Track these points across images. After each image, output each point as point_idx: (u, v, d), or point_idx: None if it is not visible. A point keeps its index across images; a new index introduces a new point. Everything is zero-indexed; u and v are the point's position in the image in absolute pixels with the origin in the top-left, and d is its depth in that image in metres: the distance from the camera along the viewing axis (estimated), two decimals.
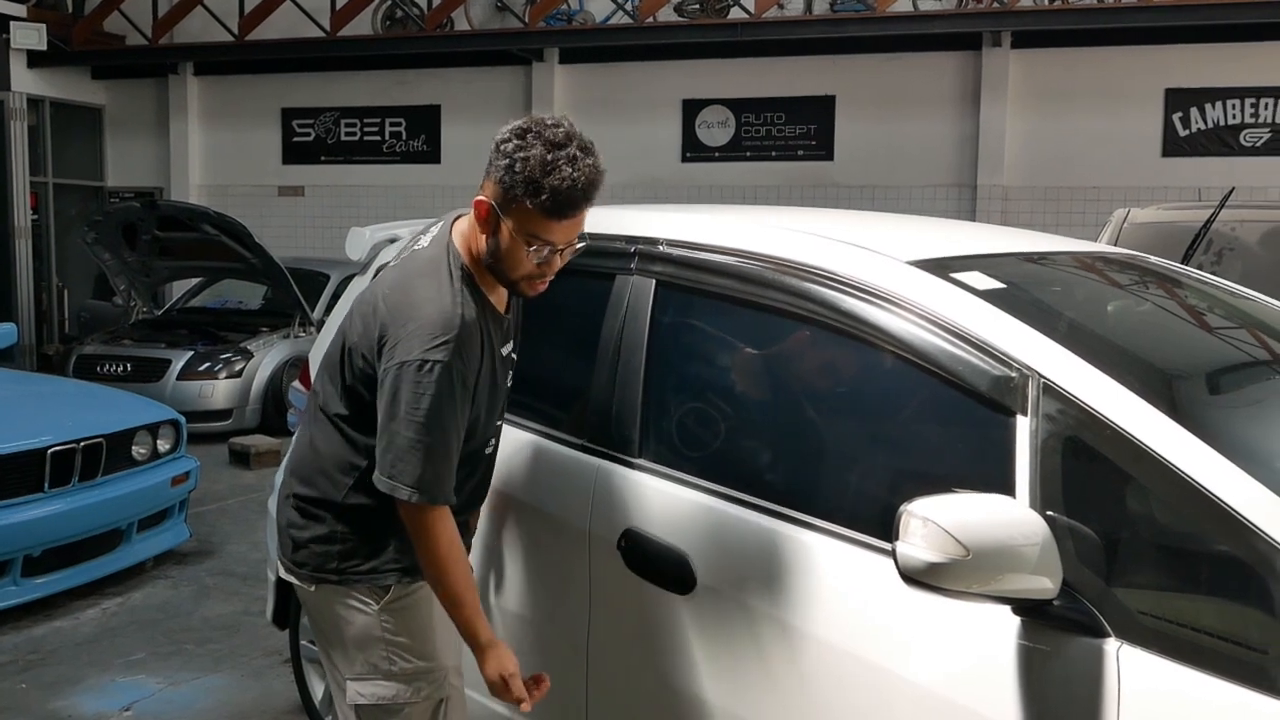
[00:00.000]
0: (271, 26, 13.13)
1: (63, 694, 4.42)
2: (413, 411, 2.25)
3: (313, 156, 14.33)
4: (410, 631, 2.46)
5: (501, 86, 13.42)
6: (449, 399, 2.26)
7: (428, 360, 2.24)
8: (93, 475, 5.46)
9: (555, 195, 2.21)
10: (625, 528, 2.56)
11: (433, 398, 2.24)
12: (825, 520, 2.26)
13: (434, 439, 2.26)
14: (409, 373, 2.25)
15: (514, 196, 2.24)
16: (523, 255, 2.30)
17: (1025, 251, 2.92)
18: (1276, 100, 11.16)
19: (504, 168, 2.24)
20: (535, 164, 2.20)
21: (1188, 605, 1.90)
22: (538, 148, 2.21)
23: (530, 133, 2.24)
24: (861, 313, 2.32)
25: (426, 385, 2.24)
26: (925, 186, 12.03)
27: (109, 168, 15.17)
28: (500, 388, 2.52)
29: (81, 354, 9.95)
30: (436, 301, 2.30)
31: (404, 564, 2.45)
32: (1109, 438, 1.95)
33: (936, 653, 2.05)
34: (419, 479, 2.26)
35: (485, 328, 2.37)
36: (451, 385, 2.26)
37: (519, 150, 2.22)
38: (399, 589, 2.46)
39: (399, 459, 2.26)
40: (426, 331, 2.26)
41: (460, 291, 2.33)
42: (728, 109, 12.79)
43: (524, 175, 2.21)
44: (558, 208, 2.23)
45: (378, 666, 2.46)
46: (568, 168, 2.21)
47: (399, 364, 2.26)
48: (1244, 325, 2.83)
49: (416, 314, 2.29)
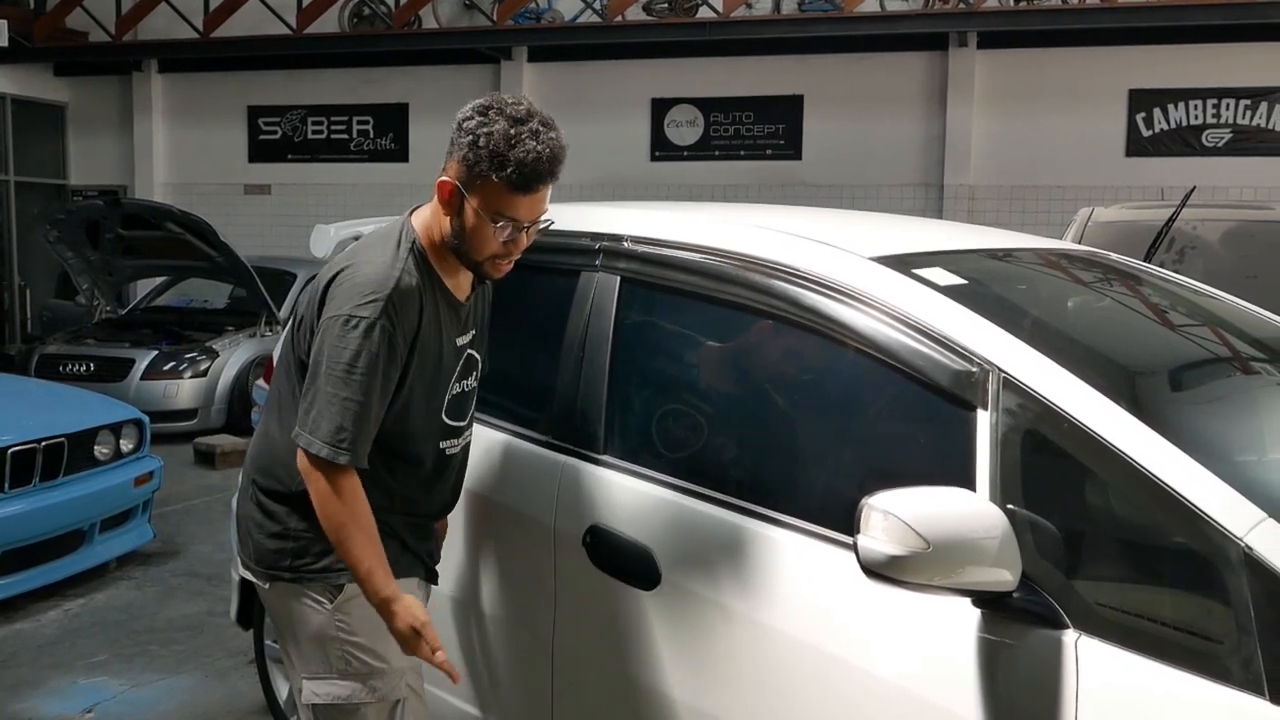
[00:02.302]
0: (237, 24, 13.04)
1: (23, 696, 4.37)
2: (333, 365, 2.23)
3: (279, 155, 14.24)
4: (365, 631, 2.42)
5: (470, 85, 13.36)
6: (372, 356, 2.23)
7: (354, 316, 2.24)
8: (54, 475, 5.40)
9: (520, 168, 2.21)
10: (590, 524, 2.56)
11: (353, 353, 2.22)
12: (789, 515, 2.27)
13: (351, 393, 2.23)
14: (335, 326, 2.25)
15: (479, 173, 2.24)
16: (489, 234, 2.30)
17: (988, 248, 2.94)
18: (1238, 101, 11.29)
19: (467, 144, 2.24)
20: (499, 138, 2.21)
21: (1146, 597, 1.92)
22: (500, 123, 2.22)
23: (492, 109, 2.25)
24: (824, 308, 2.33)
25: (351, 340, 2.23)
26: (893, 186, 12.09)
27: (72, 166, 15.02)
28: (446, 371, 2.46)
29: (44, 353, 9.84)
30: (374, 263, 2.31)
31: None
32: (1068, 432, 1.97)
33: (899, 646, 2.06)
34: (332, 433, 2.22)
35: (430, 301, 2.35)
36: (376, 343, 2.24)
37: (482, 126, 2.22)
38: (353, 588, 2.40)
39: (314, 411, 2.24)
40: (358, 289, 2.26)
41: (403, 259, 2.33)
42: (696, 108, 12.82)
43: (488, 150, 2.21)
44: (524, 181, 2.23)
45: (333, 666, 2.43)
46: (531, 141, 2.21)
47: (328, 318, 2.27)
48: (1206, 323, 2.86)
49: (353, 274, 2.30)
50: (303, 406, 2.28)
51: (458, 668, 2.87)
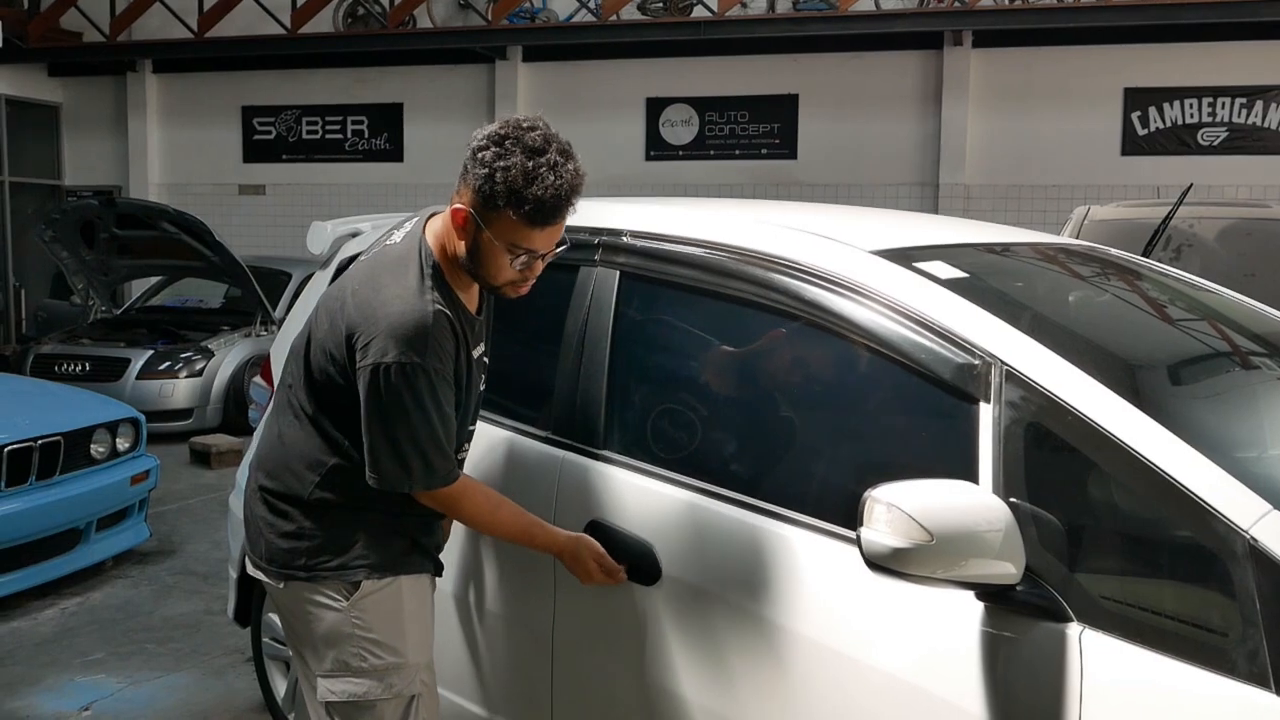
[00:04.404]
0: (231, 23, 13.03)
1: (20, 694, 4.35)
2: (400, 414, 2.25)
3: (274, 155, 14.22)
4: (381, 627, 2.43)
5: (464, 85, 13.37)
6: (430, 397, 2.26)
7: (404, 363, 2.23)
8: (50, 474, 5.38)
9: (539, 205, 2.19)
10: (590, 519, 2.55)
11: (412, 396, 2.24)
12: (790, 509, 2.26)
13: (429, 432, 2.28)
14: (388, 375, 2.23)
15: (495, 206, 2.21)
16: (504, 262, 2.29)
17: (988, 243, 2.93)
18: (1233, 100, 11.31)
19: (483, 177, 2.20)
20: (517, 173, 2.17)
21: (1150, 590, 1.92)
22: (517, 155, 2.17)
23: (509, 139, 2.20)
24: (825, 302, 2.33)
25: (403, 386, 2.23)
26: (888, 185, 12.09)
27: (66, 166, 15.00)
28: (474, 391, 2.49)
29: (39, 353, 9.81)
30: (406, 300, 2.27)
31: (373, 560, 2.42)
32: (1071, 424, 1.96)
33: (902, 639, 2.06)
34: (421, 474, 2.31)
35: (458, 326, 2.33)
36: (432, 384, 2.26)
37: (498, 159, 2.18)
38: (369, 584, 2.42)
39: (390, 463, 2.30)
40: (400, 332, 2.24)
41: (429, 287, 2.30)
42: (691, 107, 12.82)
43: (505, 185, 2.18)
44: (542, 217, 2.21)
45: (348, 664, 2.42)
46: (550, 175, 2.18)
47: (374, 365, 2.24)
48: (1205, 317, 2.86)
49: (387, 312, 2.26)
50: (368, 449, 2.31)
51: (458, 664, 2.87)
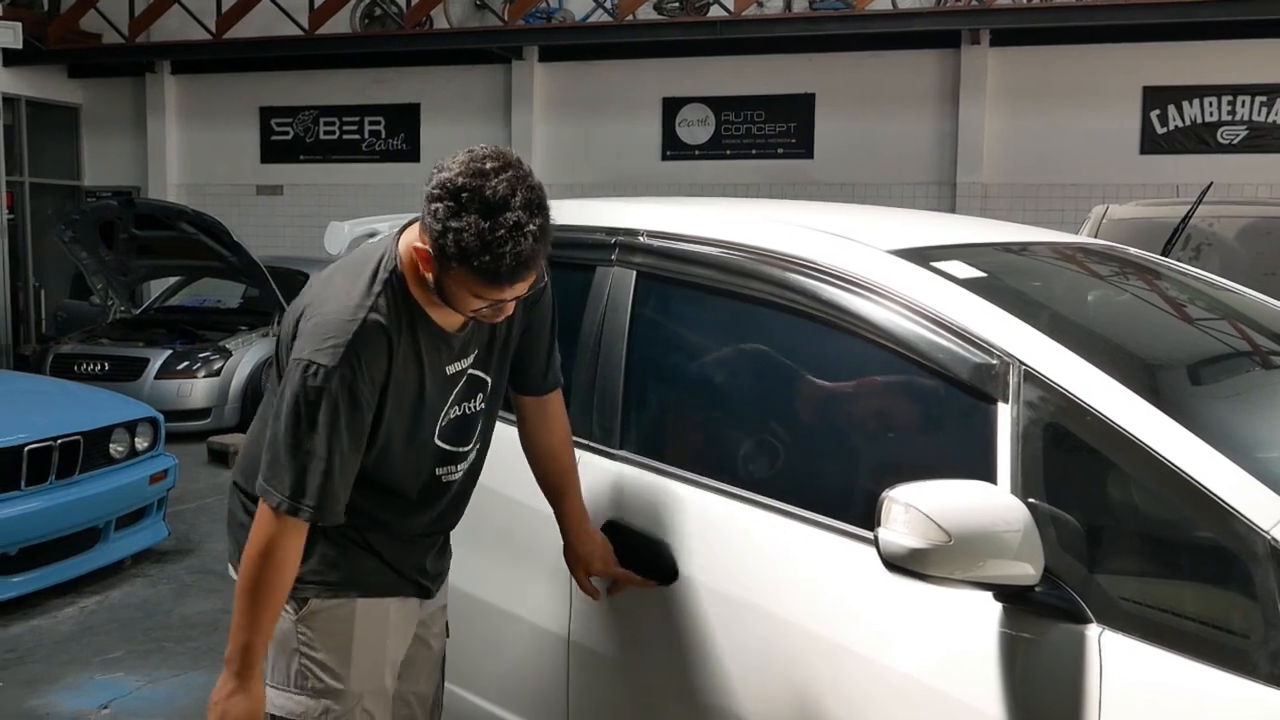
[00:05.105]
0: (249, 24, 13.09)
1: (40, 692, 4.38)
2: (294, 414, 2.09)
3: (291, 155, 14.28)
4: (326, 649, 2.30)
5: (481, 85, 13.39)
6: (333, 407, 2.08)
7: (314, 363, 2.08)
8: (70, 473, 5.41)
9: (495, 273, 2.01)
10: (607, 519, 2.55)
11: (313, 404, 2.07)
12: (808, 509, 2.25)
13: (313, 446, 2.09)
14: (297, 372, 2.09)
15: (450, 265, 2.03)
16: (470, 302, 2.12)
17: (1005, 242, 2.92)
18: (1253, 98, 11.24)
19: (437, 233, 2.00)
20: (470, 238, 1.97)
21: (1170, 591, 1.90)
22: (473, 215, 1.97)
23: (464, 192, 1.98)
24: (842, 302, 2.32)
25: (311, 390, 2.07)
26: (905, 184, 12.06)
27: (86, 167, 15.08)
28: (432, 404, 2.27)
29: (59, 353, 9.87)
30: (342, 302, 2.13)
31: (327, 578, 2.30)
32: (1090, 424, 1.95)
33: (919, 640, 2.05)
34: (292, 487, 2.10)
35: (404, 339, 2.16)
36: (336, 392, 2.07)
37: (452, 217, 1.98)
38: (318, 603, 2.30)
39: (275, 462, 2.12)
40: (320, 332, 2.10)
41: (376, 295, 2.13)
42: (708, 107, 12.81)
43: (458, 248, 1.98)
44: (499, 280, 2.03)
45: (290, 679, 2.33)
46: (509, 241, 1.97)
47: (293, 359, 2.12)
48: (1224, 317, 2.84)
49: (320, 311, 2.14)
50: (265, 453, 2.15)
51: (475, 663, 2.87)
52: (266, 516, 2.14)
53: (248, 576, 2.16)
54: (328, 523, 2.15)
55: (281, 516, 2.11)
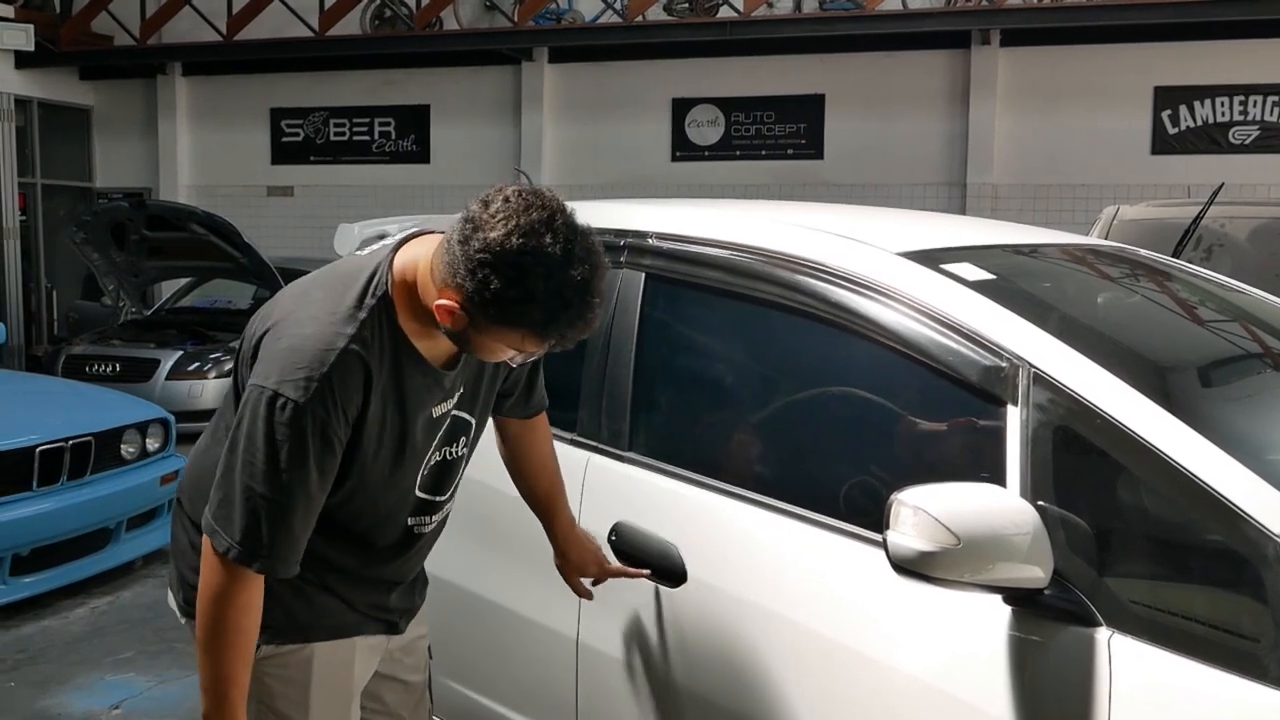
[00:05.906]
0: (260, 26, 13.10)
1: (51, 693, 4.40)
2: (252, 451, 1.85)
3: (302, 156, 14.30)
4: (281, 696, 2.10)
5: (491, 86, 13.40)
6: (298, 449, 1.85)
7: (281, 395, 1.84)
8: (81, 474, 5.43)
9: (561, 334, 1.85)
10: (615, 521, 2.55)
11: (276, 442, 1.84)
12: (816, 512, 2.25)
13: (269, 490, 1.86)
14: (260, 404, 1.85)
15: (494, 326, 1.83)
16: (502, 354, 1.94)
17: (1015, 244, 2.91)
18: (1265, 98, 11.20)
19: (489, 300, 1.77)
20: (537, 311, 1.79)
21: (1180, 594, 1.90)
22: (537, 282, 1.76)
23: (526, 256, 1.75)
24: (851, 304, 2.31)
25: (275, 426, 1.84)
26: (915, 185, 12.04)
27: (97, 168, 15.12)
28: (415, 451, 2.06)
29: (70, 354, 9.90)
30: (319, 322, 1.89)
31: (279, 623, 2.06)
32: (1100, 427, 1.95)
33: (928, 644, 2.05)
34: (243, 532, 1.87)
35: (388, 374, 1.94)
36: (304, 434, 1.84)
37: (511, 286, 1.76)
38: (268, 649, 2.07)
39: (227, 502, 1.89)
40: (291, 358, 1.86)
41: (360, 321, 1.90)
42: (717, 108, 12.80)
43: (523, 320, 1.81)
44: (561, 338, 1.87)
45: None
46: (577, 302, 1.80)
47: (254, 386, 1.88)
48: (1236, 319, 2.83)
49: (293, 330, 1.90)
50: (216, 488, 1.91)
51: (482, 664, 2.87)
52: (213, 564, 1.91)
53: (205, 628, 1.93)
54: (281, 575, 1.93)
55: (232, 565, 1.89)
